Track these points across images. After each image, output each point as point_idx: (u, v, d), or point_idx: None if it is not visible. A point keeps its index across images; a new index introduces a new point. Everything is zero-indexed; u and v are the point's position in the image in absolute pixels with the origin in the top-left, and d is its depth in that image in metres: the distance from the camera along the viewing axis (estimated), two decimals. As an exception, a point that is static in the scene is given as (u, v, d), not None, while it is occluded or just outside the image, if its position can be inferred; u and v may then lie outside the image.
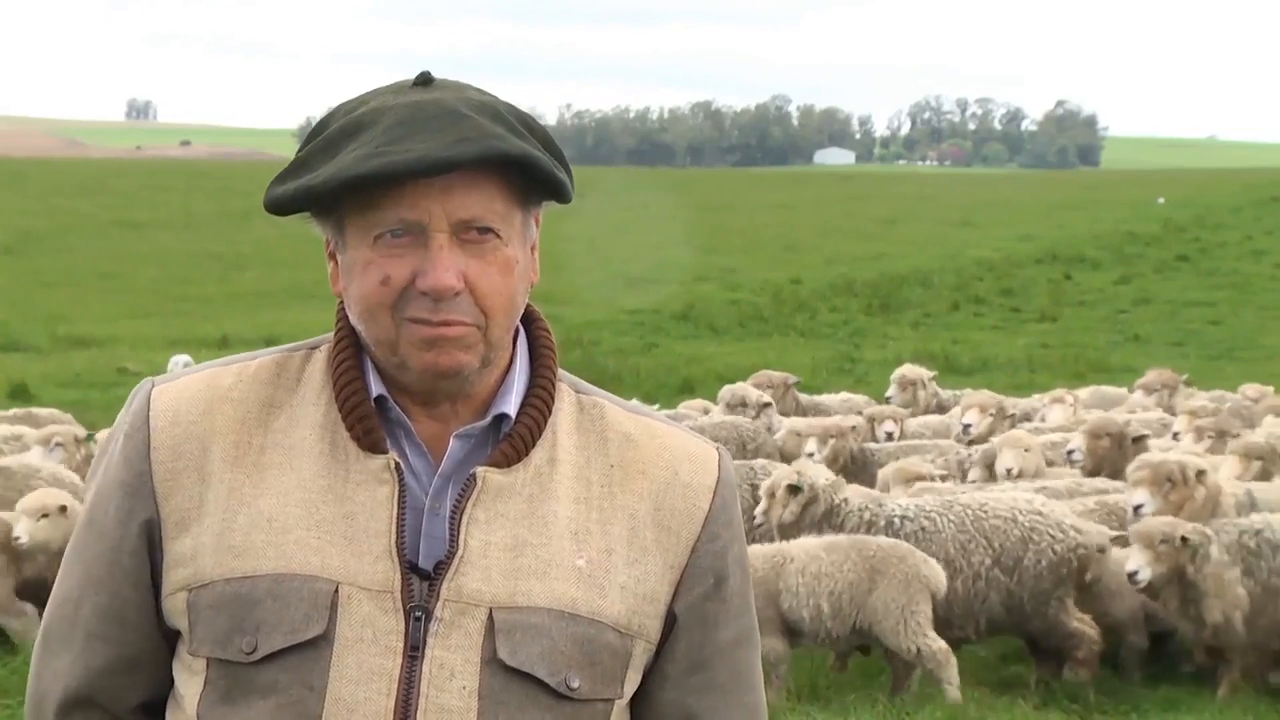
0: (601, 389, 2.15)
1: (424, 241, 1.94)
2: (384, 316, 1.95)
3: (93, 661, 2.04)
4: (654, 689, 2.07)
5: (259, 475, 1.98)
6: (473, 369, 1.98)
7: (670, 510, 2.05)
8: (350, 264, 1.98)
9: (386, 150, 1.90)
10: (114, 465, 2.04)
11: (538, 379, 2.05)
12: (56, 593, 2.08)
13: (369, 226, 1.95)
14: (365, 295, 1.96)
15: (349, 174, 1.90)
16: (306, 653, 1.92)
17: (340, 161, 1.92)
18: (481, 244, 1.96)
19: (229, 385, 2.04)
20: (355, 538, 1.95)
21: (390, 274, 1.94)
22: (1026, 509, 8.45)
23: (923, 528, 8.27)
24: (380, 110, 1.95)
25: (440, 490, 1.98)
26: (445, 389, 1.99)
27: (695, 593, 2.05)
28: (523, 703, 1.95)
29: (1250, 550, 7.86)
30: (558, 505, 2.00)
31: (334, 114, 2.01)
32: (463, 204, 1.94)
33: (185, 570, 1.98)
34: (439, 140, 1.91)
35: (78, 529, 2.08)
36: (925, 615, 7.70)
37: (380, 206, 1.93)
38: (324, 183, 1.92)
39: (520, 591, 1.95)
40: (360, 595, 1.93)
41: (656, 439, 2.08)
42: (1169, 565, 7.71)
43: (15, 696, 7.56)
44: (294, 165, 1.98)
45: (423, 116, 1.93)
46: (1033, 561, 8.29)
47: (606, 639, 1.99)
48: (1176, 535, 7.71)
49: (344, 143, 1.94)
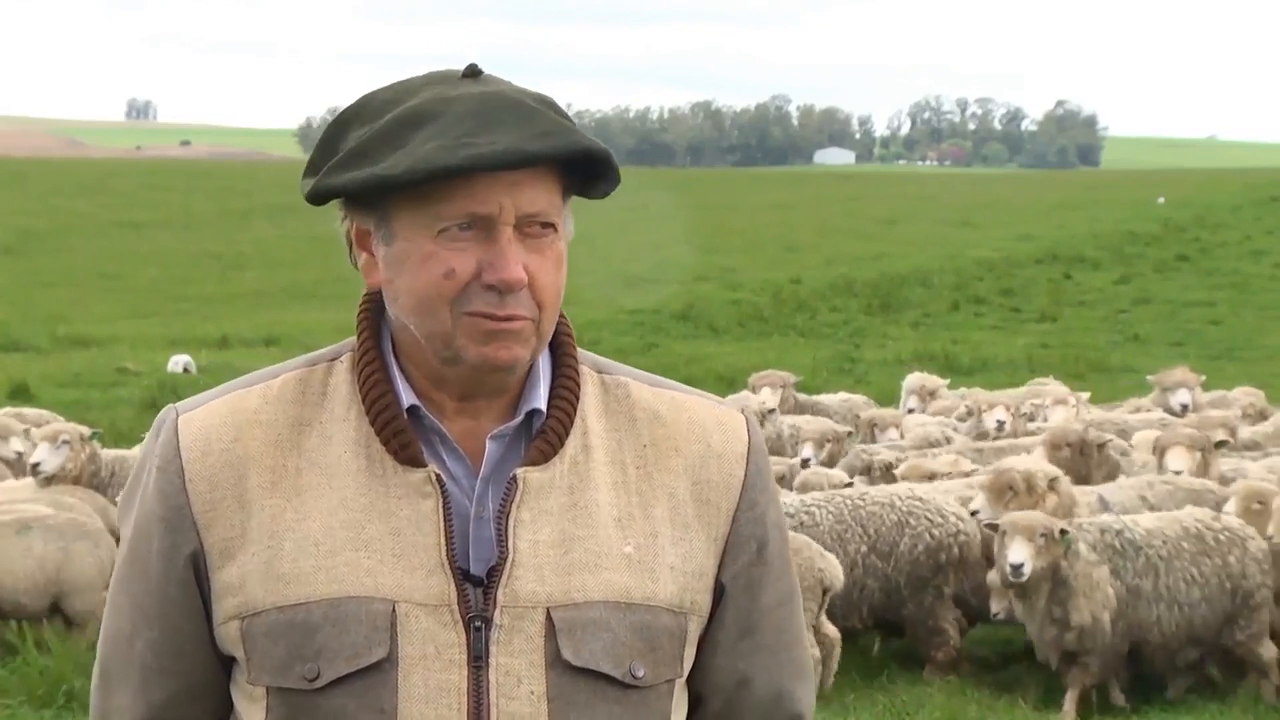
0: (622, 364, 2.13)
1: (491, 235, 1.91)
2: (442, 310, 1.92)
3: (154, 696, 2.03)
4: (705, 657, 2.07)
5: (299, 498, 1.96)
6: (523, 362, 1.96)
7: (707, 483, 2.04)
8: (402, 256, 1.94)
9: (468, 142, 1.88)
10: (149, 499, 2.00)
11: (563, 368, 2.03)
12: (107, 629, 2.07)
13: (432, 219, 1.92)
14: (424, 288, 1.93)
15: (433, 165, 1.87)
16: (372, 676, 1.90)
17: (416, 152, 1.88)
18: (541, 238, 1.95)
19: (255, 408, 2.00)
20: (404, 554, 1.93)
21: (455, 267, 1.91)
22: (905, 495, 8.56)
23: (802, 522, 8.33)
24: (443, 100, 1.92)
25: (482, 495, 1.96)
26: (492, 382, 1.97)
27: (740, 561, 2.06)
28: (591, 699, 1.94)
29: (1116, 550, 7.79)
30: (598, 494, 1.99)
31: (372, 104, 1.98)
32: (530, 198, 1.92)
33: (235, 599, 1.96)
34: (520, 133, 1.89)
35: (120, 564, 2.06)
36: (815, 606, 7.73)
37: (449, 199, 1.90)
38: (405, 173, 1.88)
39: (574, 587, 1.94)
40: (418, 611, 1.91)
41: (685, 412, 2.07)
42: (1046, 561, 7.57)
43: (16, 696, 7.56)
44: (351, 154, 1.93)
45: (493, 109, 1.91)
46: (909, 547, 8.37)
47: (663, 622, 1.98)
48: (1055, 529, 7.60)
49: (408, 133, 1.91)
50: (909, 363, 22.10)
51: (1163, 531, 7.91)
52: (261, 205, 54.34)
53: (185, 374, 19.27)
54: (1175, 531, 7.93)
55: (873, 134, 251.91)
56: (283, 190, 65.37)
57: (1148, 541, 7.84)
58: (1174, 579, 7.82)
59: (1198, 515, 8.10)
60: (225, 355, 21.41)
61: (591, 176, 1.99)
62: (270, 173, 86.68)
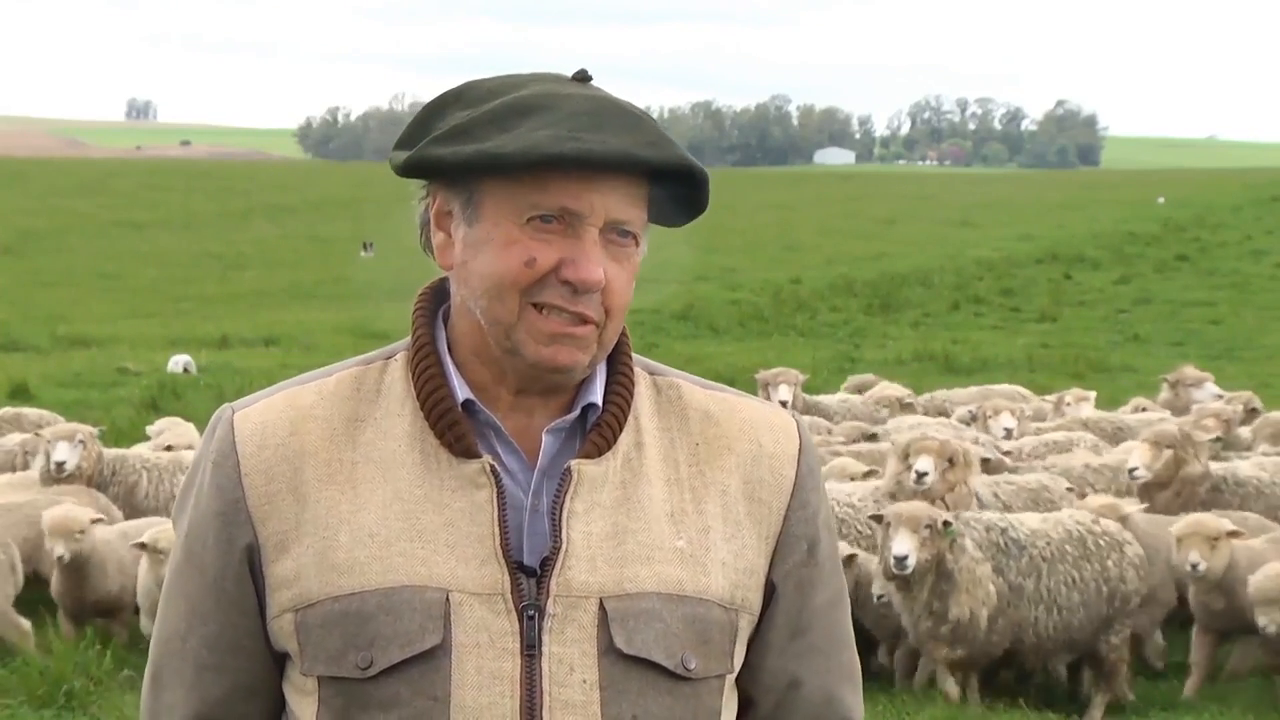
0: (674, 368, 2.15)
1: (576, 232, 1.93)
2: (512, 297, 1.94)
3: (208, 693, 2.04)
4: (756, 658, 2.08)
5: (354, 491, 1.97)
6: (581, 368, 1.98)
7: (759, 482, 2.06)
8: (484, 239, 1.95)
9: (580, 136, 1.89)
10: (205, 495, 2.02)
11: (619, 366, 2.05)
12: (160, 630, 2.07)
13: (523, 207, 1.93)
14: (501, 273, 1.94)
15: (546, 151, 1.88)
16: (425, 664, 1.92)
17: (526, 137, 1.90)
18: (622, 246, 1.97)
19: (311, 403, 2.02)
20: (459, 544, 1.95)
21: (537, 257, 1.92)
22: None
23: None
24: (553, 96, 1.94)
25: (538, 488, 1.98)
26: (548, 381, 1.99)
27: (791, 561, 2.07)
28: (643, 689, 1.95)
29: (1000, 548, 7.72)
30: (651, 489, 2.00)
31: (476, 90, 1.99)
32: (620, 205, 1.95)
33: (289, 592, 1.97)
34: (630, 138, 1.91)
35: (175, 564, 2.06)
36: None
37: (544, 189, 1.92)
38: (516, 153, 1.89)
39: (627, 578, 1.95)
40: (471, 600, 1.93)
41: (736, 413, 2.09)
42: (930, 553, 7.48)
43: (16, 696, 7.55)
44: (452, 132, 1.94)
45: (605, 111, 1.93)
46: None
47: (714, 616, 1.99)
48: (939, 520, 7.52)
49: (516, 120, 1.92)
50: (909, 362, 22.13)
51: (1047, 533, 7.80)
52: (261, 205, 54.34)
53: (185, 374, 19.24)
54: (1059, 534, 7.80)
55: (873, 134, 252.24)
56: (283, 190, 65.49)
57: (1031, 541, 7.74)
58: (1055, 581, 7.71)
59: (1079, 518, 7.96)
60: (225, 355, 21.39)
61: (680, 200, 2.01)
62: (270, 173, 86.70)
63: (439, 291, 2.08)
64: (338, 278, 33.16)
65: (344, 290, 30.69)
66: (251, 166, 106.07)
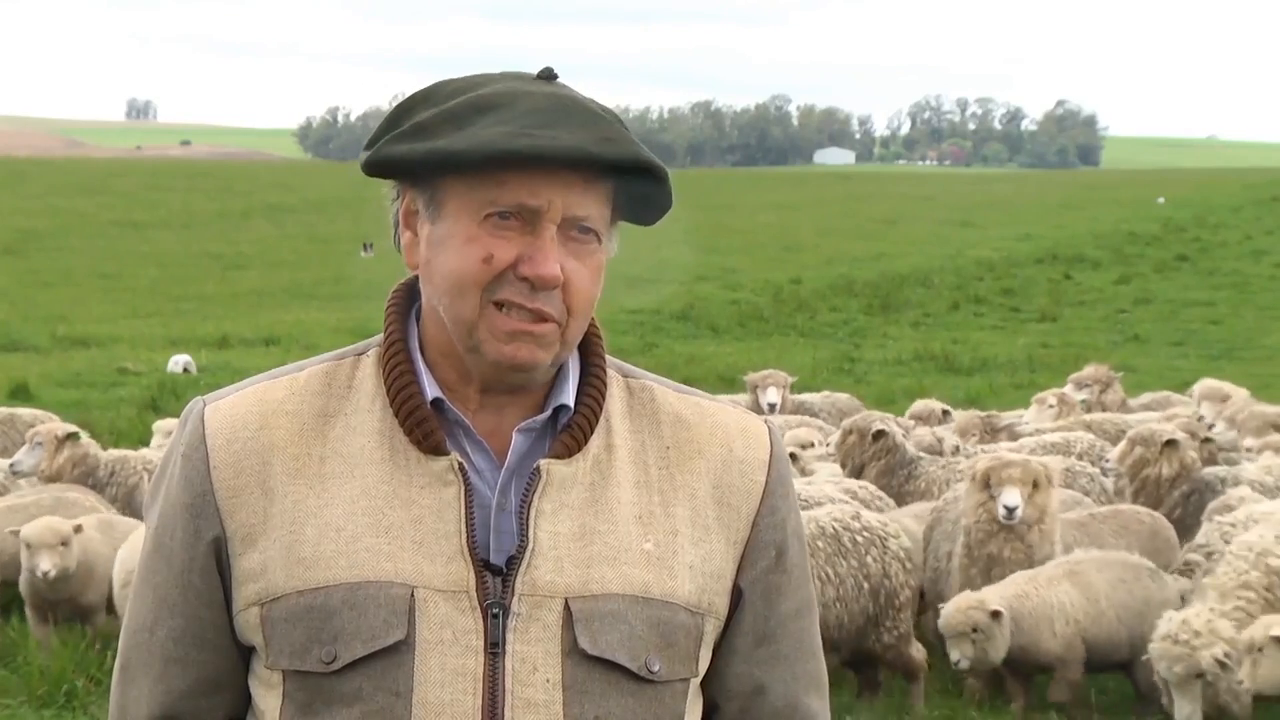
0: (647, 371, 2.16)
1: (534, 229, 1.94)
2: (473, 295, 1.94)
3: (173, 685, 2.04)
4: (722, 663, 2.08)
5: (322, 486, 1.98)
6: (544, 366, 1.98)
7: (729, 487, 2.06)
8: (445, 237, 1.97)
9: (533, 133, 1.90)
10: (174, 487, 2.03)
11: (592, 368, 2.06)
12: (129, 621, 2.08)
13: (481, 204, 1.94)
14: (460, 270, 1.95)
15: (494, 147, 1.90)
16: (388, 659, 1.92)
17: (479, 135, 1.91)
18: (583, 244, 1.97)
19: (281, 398, 2.03)
20: (425, 541, 1.95)
21: (494, 253, 1.93)
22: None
23: None
24: (512, 94, 1.95)
25: (505, 486, 1.98)
26: (511, 380, 1.99)
27: (759, 567, 2.07)
28: (606, 690, 1.95)
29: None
30: (620, 491, 2.01)
31: (441, 90, 2.00)
32: (579, 201, 1.95)
33: (256, 585, 1.98)
34: (584, 135, 1.92)
35: (144, 555, 2.07)
36: None
37: (502, 186, 1.93)
38: (468, 150, 1.90)
39: (593, 579, 1.96)
40: (436, 597, 1.93)
41: (708, 417, 2.09)
42: None
43: (16, 696, 7.56)
44: (412, 129, 1.96)
45: (561, 108, 1.94)
46: None
47: (680, 619, 2.00)
48: None
49: (475, 117, 1.93)
50: (909, 362, 22.15)
51: None
52: (261, 205, 54.33)
53: (185, 374, 19.25)
54: (811, 530, 7.62)
55: (873, 134, 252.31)
56: (283, 190, 65.46)
57: None
58: None
59: (835, 514, 7.84)
60: (225, 355, 21.39)
61: (643, 198, 2.02)
62: (270, 173, 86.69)
63: (413, 289, 2.08)
64: (338, 278, 33.14)
65: (344, 290, 30.67)
66: (251, 166, 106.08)
